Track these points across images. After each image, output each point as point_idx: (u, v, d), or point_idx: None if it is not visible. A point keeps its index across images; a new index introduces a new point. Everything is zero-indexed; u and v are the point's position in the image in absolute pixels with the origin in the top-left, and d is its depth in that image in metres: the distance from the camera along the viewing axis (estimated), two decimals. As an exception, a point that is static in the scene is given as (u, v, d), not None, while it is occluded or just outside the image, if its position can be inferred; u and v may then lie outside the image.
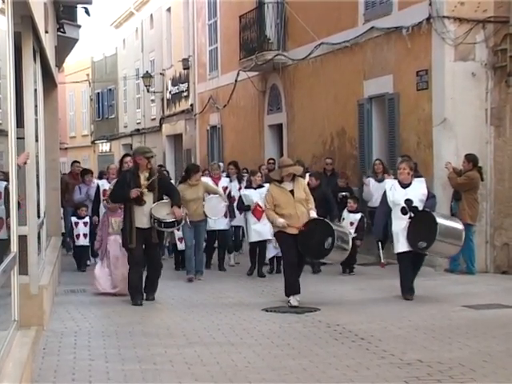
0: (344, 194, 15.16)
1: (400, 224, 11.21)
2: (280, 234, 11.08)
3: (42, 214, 11.35)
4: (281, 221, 10.88)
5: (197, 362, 7.81)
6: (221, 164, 18.93)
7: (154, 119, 36.32)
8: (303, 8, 19.53)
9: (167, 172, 21.36)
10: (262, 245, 13.95)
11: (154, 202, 11.22)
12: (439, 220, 10.96)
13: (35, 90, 10.34)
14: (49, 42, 11.87)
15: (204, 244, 14.72)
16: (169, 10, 33.92)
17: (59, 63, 16.25)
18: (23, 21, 8.85)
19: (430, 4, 14.44)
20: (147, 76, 33.69)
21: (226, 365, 7.68)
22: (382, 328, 9.31)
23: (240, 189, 15.18)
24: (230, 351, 8.25)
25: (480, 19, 14.34)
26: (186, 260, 13.90)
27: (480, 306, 10.55)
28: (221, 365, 7.69)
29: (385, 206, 11.47)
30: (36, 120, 10.55)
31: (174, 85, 32.70)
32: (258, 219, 13.80)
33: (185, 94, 31.16)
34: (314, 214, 11.08)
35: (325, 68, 18.69)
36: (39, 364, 7.75)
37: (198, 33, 29.13)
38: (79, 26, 15.56)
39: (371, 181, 15.04)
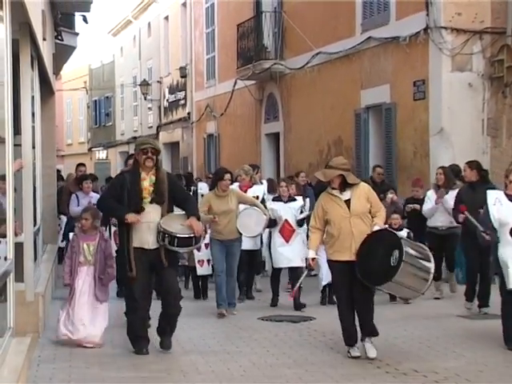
0: (411, 206, 12.49)
1: (510, 251, 8.59)
2: (330, 263, 8.52)
3: (38, 222, 11.33)
4: (309, 255, 8.55)
5: (192, 371, 7.81)
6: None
7: (150, 127, 36.30)
8: (301, 17, 19.57)
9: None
10: (293, 272, 11.52)
11: (162, 217, 8.44)
12: None
13: (33, 97, 10.34)
14: (46, 50, 11.87)
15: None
16: (167, 18, 33.95)
17: (57, 70, 16.21)
18: (21, 28, 8.86)
19: (428, 14, 14.52)
20: (144, 84, 33.67)
21: (221, 373, 7.67)
22: (378, 338, 9.30)
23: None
24: (225, 360, 8.24)
25: (477, 30, 14.42)
26: (217, 289, 10.98)
27: (475, 316, 10.55)
28: (216, 373, 7.69)
29: (487, 220, 8.81)
30: (33, 127, 10.52)
31: (171, 93, 32.71)
32: (287, 241, 11.54)
33: (182, 102, 31.17)
34: (377, 228, 8.29)
35: (322, 77, 18.72)
36: (34, 372, 7.74)
37: (196, 41, 29.16)
38: (77, 34, 15.54)
39: (432, 194, 12.10)
